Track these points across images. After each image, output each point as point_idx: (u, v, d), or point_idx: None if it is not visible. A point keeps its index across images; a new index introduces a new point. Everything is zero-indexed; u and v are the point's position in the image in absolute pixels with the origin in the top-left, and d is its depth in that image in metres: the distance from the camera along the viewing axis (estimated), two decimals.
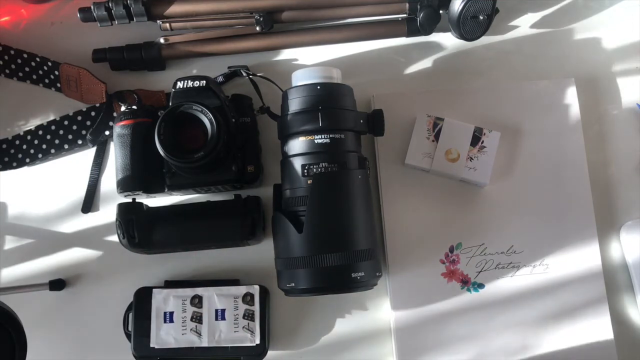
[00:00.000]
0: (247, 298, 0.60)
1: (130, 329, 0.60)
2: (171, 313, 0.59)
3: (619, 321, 0.61)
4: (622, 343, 0.60)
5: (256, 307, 0.59)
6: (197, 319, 0.59)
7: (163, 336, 0.59)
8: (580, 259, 0.61)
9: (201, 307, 0.59)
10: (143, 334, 0.59)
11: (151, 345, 0.59)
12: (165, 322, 0.59)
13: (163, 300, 0.60)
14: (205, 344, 0.59)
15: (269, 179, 0.64)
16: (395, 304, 0.61)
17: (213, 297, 0.60)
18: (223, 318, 0.59)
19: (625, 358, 0.60)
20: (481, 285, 0.61)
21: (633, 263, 0.61)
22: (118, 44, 0.67)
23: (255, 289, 0.60)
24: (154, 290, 0.60)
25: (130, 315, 0.60)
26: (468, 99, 0.65)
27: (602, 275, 0.61)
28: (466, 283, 0.61)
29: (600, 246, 0.62)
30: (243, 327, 0.59)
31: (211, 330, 0.59)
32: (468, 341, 0.60)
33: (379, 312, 0.63)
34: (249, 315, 0.59)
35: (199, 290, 0.60)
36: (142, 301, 0.60)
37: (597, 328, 0.60)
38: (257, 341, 0.58)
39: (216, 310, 0.59)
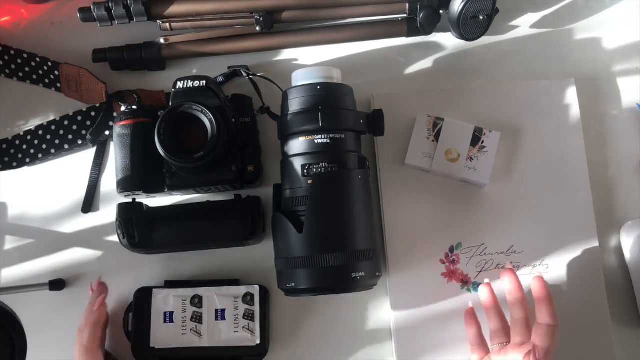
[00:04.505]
0: (247, 298, 0.60)
1: (130, 329, 0.60)
2: (171, 313, 0.59)
3: (619, 321, 0.61)
4: (622, 343, 0.60)
5: (256, 307, 0.59)
6: (197, 319, 0.59)
7: (163, 336, 0.59)
8: (580, 259, 0.61)
9: (201, 307, 0.59)
10: (143, 334, 0.59)
11: (151, 346, 0.59)
12: (165, 322, 0.59)
13: (163, 300, 0.60)
14: (205, 344, 0.59)
15: (269, 179, 0.64)
16: (395, 304, 0.61)
17: (213, 297, 0.60)
18: (223, 318, 0.59)
19: (625, 358, 0.60)
20: None
21: (633, 263, 0.61)
22: (118, 44, 0.67)
23: (255, 289, 0.60)
24: (154, 290, 0.60)
25: (130, 315, 0.60)
26: (468, 99, 0.65)
27: (602, 275, 0.61)
28: (466, 283, 0.61)
29: (600, 246, 0.62)
30: (243, 327, 0.59)
31: (211, 330, 0.59)
32: (468, 341, 0.60)
33: (379, 312, 0.63)
34: (249, 315, 0.59)
35: (199, 290, 0.60)
36: (142, 301, 0.60)
37: (597, 328, 0.60)
38: (257, 341, 0.58)
39: (216, 310, 0.59)
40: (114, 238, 0.62)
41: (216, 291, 0.60)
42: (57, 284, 0.63)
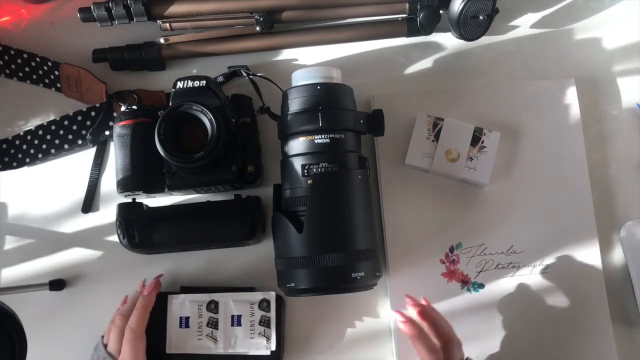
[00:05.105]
0: (264, 304, 0.59)
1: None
2: (187, 318, 0.59)
3: (619, 321, 0.61)
4: (622, 343, 0.60)
5: (272, 314, 0.59)
6: (213, 324, 0.59)
7: (178, 341, 0.58)
8: (580, 259, 0.61)
9: (217, 312, 0.59)
10: (159, 339, 0.58)
11: (167, 352, 0.58)
12: (181, 326, 0.59)
13: (179, 305, 0.59)
14: (221, 350, 0.58)
15: (269, 179, 0.64)
16: (395, 304, 0.61)
17: (229, 303, 0.59)
18: (239, 324, 0.59)
19: (625, 358, 0.60)
20: (481, 285, 0.61)
21: (633, 263, 0.61)
22: (118, 44, 0.67)
23: (271, 295, 0.59)
24: (169, 295, 0.60)
25: None
26: (468, 99, 0.65)
27: (602, 275, 0.61)
28: (466, 283, 0.61)
29: (600, 246, 0.62)
30: (259, 334, 0.58)
31: (227, 336, 0.58)
32: (468, 341, 0.60)
33: (379, 312, 0.63)
34: (265, 322, 0.59)
35: (215, 296, 0.59)
36: (157, 306, 0.59)
37: (597, 328, 0.60)
38: (273, 347, 0.58)
39: (232, 316, 0.59)
40: (114, 238, 0.62)
41: (232, 297, 0.59)
42: (57, 284, 0.63)
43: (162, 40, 0.66)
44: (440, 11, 0.64)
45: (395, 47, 0.68)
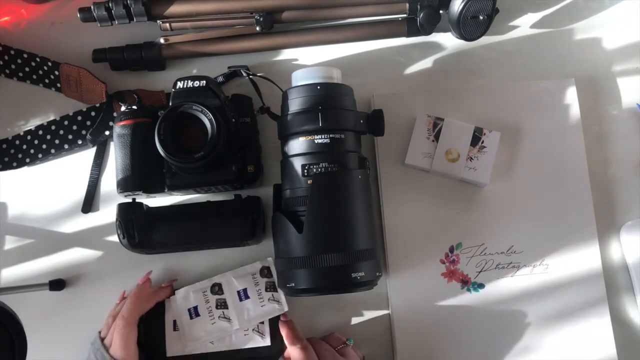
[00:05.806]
0: (265, 271, 0.60)
1: (142, 340, 0.58)
2: (195, 307, 0.59)
3: (619, 321, 0.61)
4: (622, 343, 0.60)
5: (275, 278, 0.60)
6: (222, 305, 0.59)
7: (193, 331, 0.58)
8: (580, 259, 0.61)
9: (222, 293, 0.60)
10: (158, 344, 0.58)
11: (182, 343, 0.58)
12: (192, 317, 0.59)
13: (184, 298, 0.60)
14: (236, 327, 0.58)
15: (269, 179, 0.64)
16: (395, 304, 0.61)
17: (231, 281, 0.60)
18: (247, 297, 0.59)
19: (625, 358, 0.60)
20: (481, 285, 0.61)
21: (633, 263, 0.61)
22: (118, 44, 0.67)
23: (269, 261, 0.60)
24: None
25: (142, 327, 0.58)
26: (468, 99, 0.65)
27: (602, 275, 0.61)
28: (466, 283, 0.61)
29: (600, 246, 0.62)
30: (269, 299, 0.59)
31: (239, 312, 0.59)
32: (468, 341, 0.60)
33: (379, 312, 0.63)
34: (270, 287, 0.59)
35: (216, 278, 0.60)
36: (152, 310, 0.59)
37: (597, 328, 0.60)
38: (286, 308, 0.59)
39: (238, 292, 0.59)
40: (114, 238, 0.62)
41: (232, 274, 0.60)
42: (57, 284, 0.63)
43: (162, 40, 0.66)
44: (440, 11, 0.64)
45: (395, 47, 0.68)
